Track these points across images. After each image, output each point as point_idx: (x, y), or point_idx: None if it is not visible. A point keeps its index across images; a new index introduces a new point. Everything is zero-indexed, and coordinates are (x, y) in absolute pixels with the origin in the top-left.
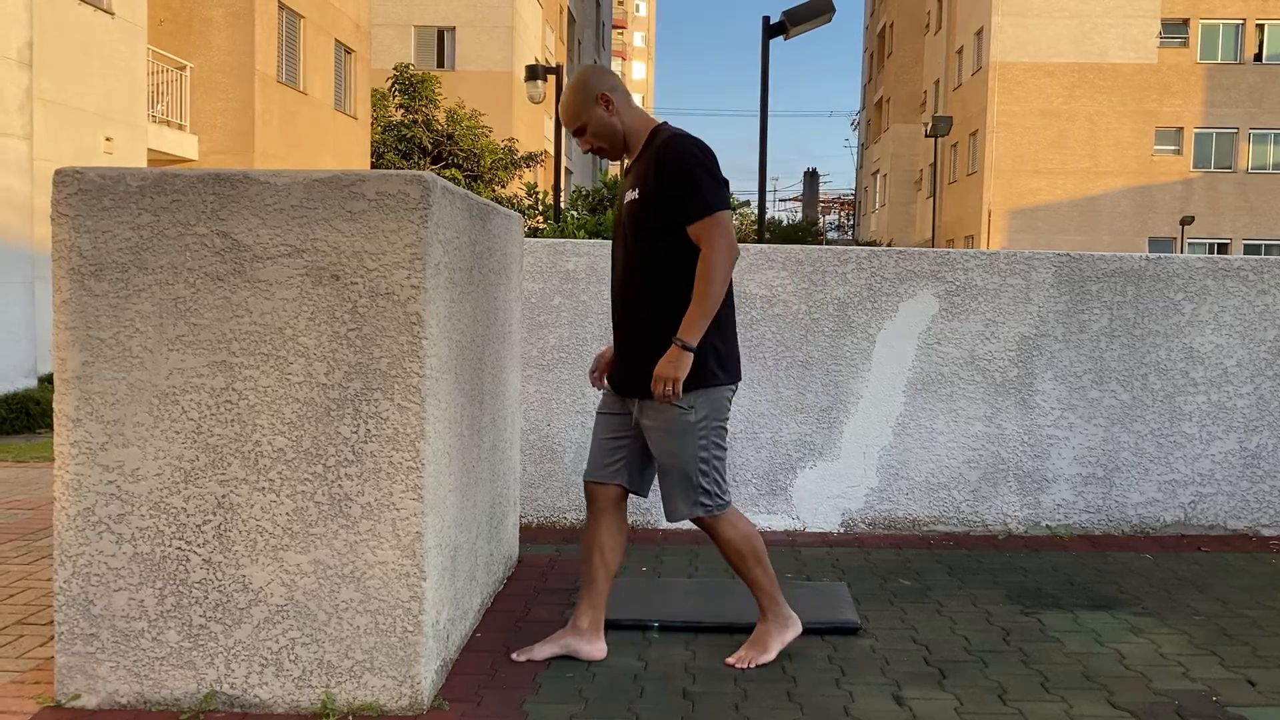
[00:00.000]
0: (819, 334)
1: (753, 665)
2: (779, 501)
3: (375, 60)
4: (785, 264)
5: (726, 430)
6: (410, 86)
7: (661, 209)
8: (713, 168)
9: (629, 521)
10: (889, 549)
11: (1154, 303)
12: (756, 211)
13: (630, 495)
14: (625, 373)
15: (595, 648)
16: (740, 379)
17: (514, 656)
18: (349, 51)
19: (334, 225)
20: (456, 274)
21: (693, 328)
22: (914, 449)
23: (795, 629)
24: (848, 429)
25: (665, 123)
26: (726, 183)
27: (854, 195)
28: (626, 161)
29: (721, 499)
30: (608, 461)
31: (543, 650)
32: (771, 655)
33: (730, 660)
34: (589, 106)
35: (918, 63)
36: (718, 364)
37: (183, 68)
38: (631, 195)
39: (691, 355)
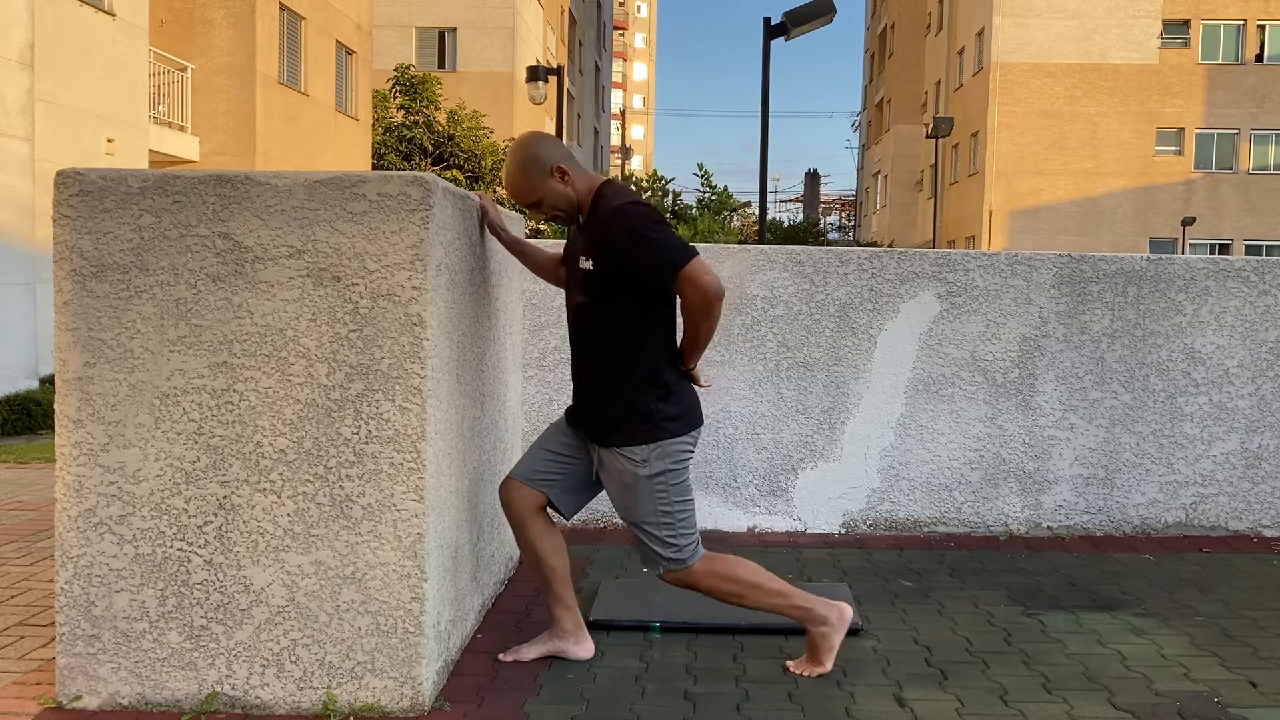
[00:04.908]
0: (820, 335)
1: (811, 675)
2: (780, 502)
3: (376, 61)
4: (786, 265)
5: (686, 482)
6: (411, 87)
7: (622, 284)
8: (657, 225)
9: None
10: (890, 550)
11: (1155, 303)
12: (758, 212)
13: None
14: (590, 424)
15: (583, 647)
16: (700, 424)
17: (501, 657)
18: (350, 53)
19: (335, 226)
20: (458, 275)
21: (692, 358)
22: (915, 450)
23: (841, 624)
24: (849, 430)
25: (606, 181)
26: (668, 224)
27: (855, 196)
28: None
29: (685, 552)
30: (542, 471)
31: (529, 651)
32: (827, 665)
33: (789, 665)
34: (544, 180)
35: (919, 63)
36: (666, 417)
37: (184, 69)
38: (586, 264)
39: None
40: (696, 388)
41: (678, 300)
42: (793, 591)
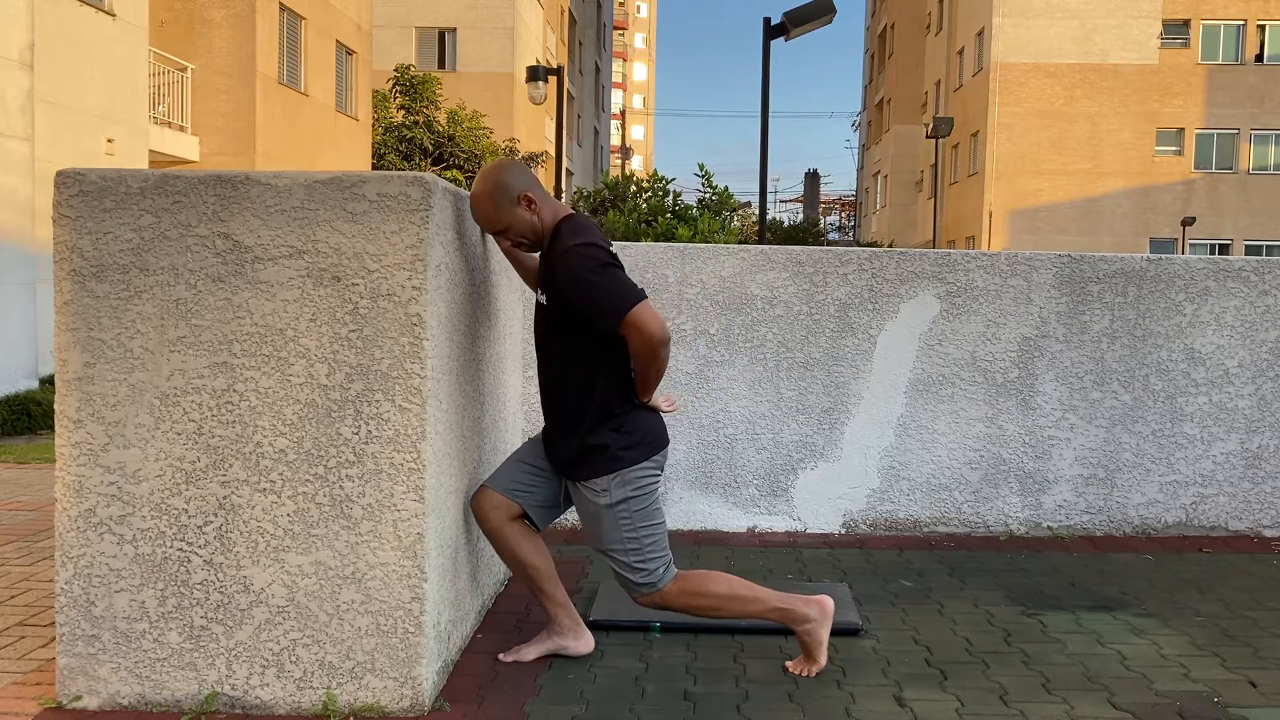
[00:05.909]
0: (820, 335)
1: (810, 674)
2: (780, 502)
3: (376, 61)
4: (786, 265)
5: (652, 507)
6: (411, 87)
7: (572, 321)
8: (602, 268)
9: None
10: (890, 550)
11: (1155, 304)
12: (758, 212)
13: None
14: (556, 458)
15: (583, 642)
16: (662, 447)
17: (501, 657)
18: (350, 53)
19: (335, 226)
20: (457, 275)
21: (645, 395)
22: (915, 450)
23: (824, 618)
24: (849, 430)
25: (568, 216)
26: (618, 261)
27: (855, 196)
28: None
29: (654, 575)
30: (520, 481)
31: (530, 651)
32: (822, 661)
33: (789, 665)
34: (511, 209)
35: (919, 64)
36: (623, 447)
37: (184, 69)
38: (541, 299)
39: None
40: (661, 412)
41: None
42: (769, 595)
